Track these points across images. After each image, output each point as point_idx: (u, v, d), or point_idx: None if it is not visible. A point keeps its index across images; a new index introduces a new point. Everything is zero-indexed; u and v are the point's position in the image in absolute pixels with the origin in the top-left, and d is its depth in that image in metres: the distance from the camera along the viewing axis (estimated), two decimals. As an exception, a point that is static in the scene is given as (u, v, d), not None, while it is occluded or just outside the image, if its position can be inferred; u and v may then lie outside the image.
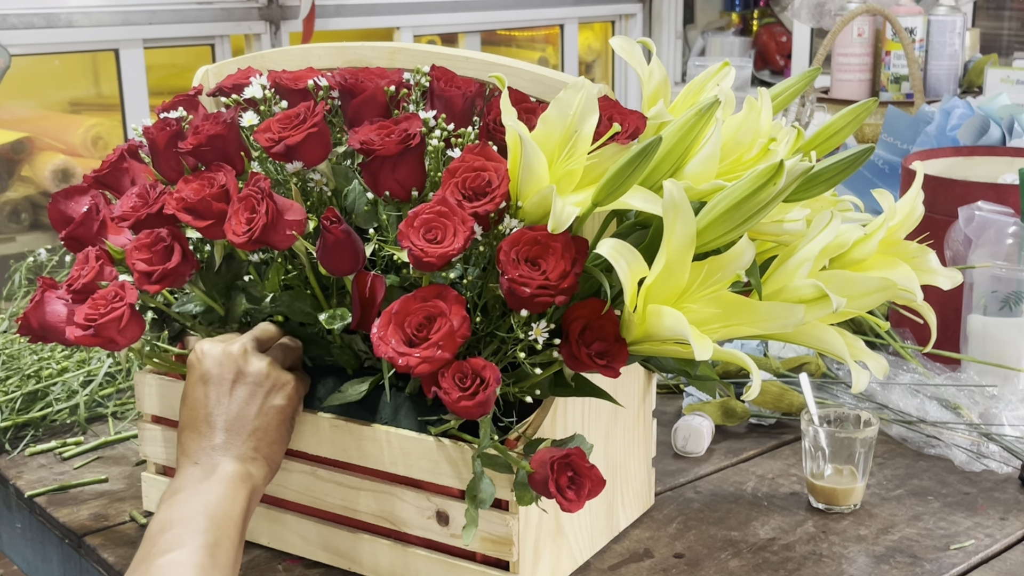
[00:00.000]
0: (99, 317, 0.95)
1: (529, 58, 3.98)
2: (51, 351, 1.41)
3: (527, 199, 0.89)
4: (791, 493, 1.17)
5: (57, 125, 3.08)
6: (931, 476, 1.20)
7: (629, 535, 1.08)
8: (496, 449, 0.90)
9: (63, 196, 1.07)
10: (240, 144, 1.01)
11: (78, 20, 2.87)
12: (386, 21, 3.51)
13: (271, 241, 0.93)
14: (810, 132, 1.22)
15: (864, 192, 1.30)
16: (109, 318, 0.95)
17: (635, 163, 0.85)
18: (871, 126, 2.31)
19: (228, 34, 3.16)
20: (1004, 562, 1.04)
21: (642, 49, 1.04)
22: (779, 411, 1.32)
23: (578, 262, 0.86)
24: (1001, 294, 1.32)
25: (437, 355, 0.86)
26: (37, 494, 1.19)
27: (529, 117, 0.92)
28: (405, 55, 1.07)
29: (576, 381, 0.93)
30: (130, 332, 0.96)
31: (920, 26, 2.62)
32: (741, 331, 0.88)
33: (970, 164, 1.60)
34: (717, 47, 4.26)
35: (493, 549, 0.95)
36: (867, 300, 0.94)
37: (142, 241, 0.97)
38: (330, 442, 1.00)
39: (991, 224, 1.34)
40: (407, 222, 0.88)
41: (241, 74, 1.10)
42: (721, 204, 0.86)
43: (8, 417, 1.31)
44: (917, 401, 1.30)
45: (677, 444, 1.25)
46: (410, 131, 0.93)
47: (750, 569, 1.02)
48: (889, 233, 0.99)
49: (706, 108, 0.88)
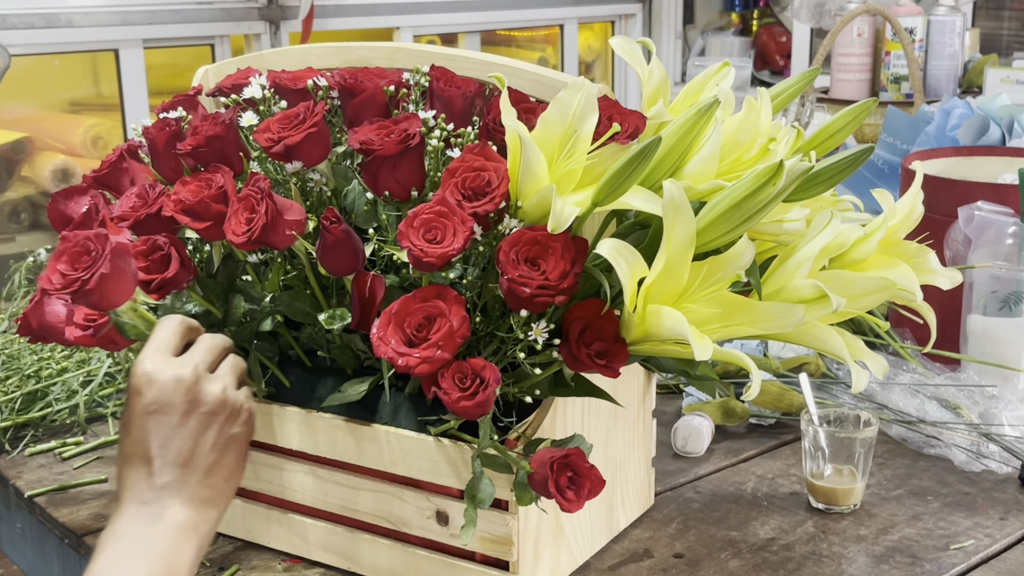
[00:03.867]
0: (99, 317, 0.95)
1: (529, 58, 3.98)
2: (51, 351, 1.41)
3: (527, 199, 0.89)
4: (791, 493, 1.16)
5: (57, 125, 3.08)
6: (931, 476, 1.20)
7: (629, 535, 1.08)
8: (496, 449, 0.90)
9: (63, 196, 1.07)
10: (239, 145, 1.01)
11: (78, 20, 2.87)
12: (386, 21, 3.51)
13: (271, 241, 0.93)
14: (810, 132, 1.22)
15: (864, 192, 1.30)
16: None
17: (635, 163, 0.85)
18: (871, 126, 2.31)
19: (228, 34, 3.16)
20: (1004, 562, 1.04)
21: (642, 49, 1.04)
22: (779, 411, 1.32)
23: (578, 262, 0.86)
24: (1001, 294, 1.32)
25: (437, 355, 0.86)
26: (37, 494, 1.19)
27: (529, 117, 0.92)
28: (405, 55, 1.07)
29: (576, 381, 0.93)
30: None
31: (920, 26, 2.62)
32: (741, 331, 0.88)
33: (970, 164, 1.60)
34: (717, 47, 4.26)
35: (493, 549, 0.95)
36: (867, 300, 0.94)
37: (139, 248, 0.96)
38: (330, 442, 1.00)
39: (991, 224, 1.34)
40: (407, 222, 0.88)
41: (241, 74, 1.10)
42: (721, 204, 0.86)
43: (8, 417, 1.31)
44: (917, 401, 1.30)
45: (677, 444, 1.25)
46: (410, 131, 0.93)
47: (750, 569, 1.02)
48: (889, 233, 0.99)
49: (706, 108, 0.88)
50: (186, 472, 0.86)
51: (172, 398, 0.87)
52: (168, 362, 0.88)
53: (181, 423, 0.87)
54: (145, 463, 0.86)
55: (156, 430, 0.86)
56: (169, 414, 0.87)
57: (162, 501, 0.85)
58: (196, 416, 0.87)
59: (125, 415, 0.88)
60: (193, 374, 0.88)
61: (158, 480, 0.85)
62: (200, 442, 0.87)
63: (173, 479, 0.86)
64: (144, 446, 0.86)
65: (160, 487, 0.85)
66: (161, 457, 0.86)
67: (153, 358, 0.88)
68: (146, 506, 0.85)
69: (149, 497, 0.85)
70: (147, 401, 0.87)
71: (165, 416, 0.86)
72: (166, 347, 0.90)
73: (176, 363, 0.88)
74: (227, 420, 0.89)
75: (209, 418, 0.88)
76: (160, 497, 0.85)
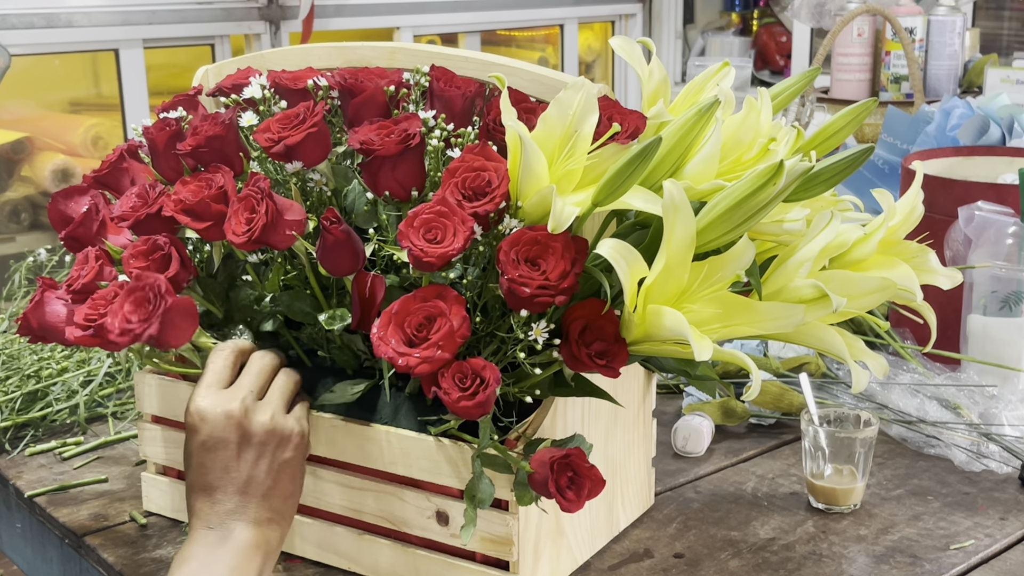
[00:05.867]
0: (99, 317, 0.95)
1: (529, 58, 3.98)
2: (51, 351, 1.41)
3: (527, 199, 0.89)
4: (791, 493, 1.17)
5: (57, 125, 3.08)
6: (931, 476, 1.20)
7: (629, 535, 1.08)
8: (496, 449, 0.90)
9: (63, 196, 1.07)
10: (239, 145, 1.01)
11: (78, 20, 2.87)
12: (386, 21, 3.51)
13: (271, 241, 0.93)
14: (810, 132, 1.22)
15: (864, 192, 1.30)
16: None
17: (635, 163, 0.85)
18: (871, 126, 2.31)
19: (228, 34, 3.16)
20: (1004, 562, 1.04)
21: (642, 49, 1.04)
22: (779, 411, 1.32)
23: (578, 262, 0.86)
24: (1001, 294, 1.32)
25: (437, 355, 0.86)
26: (37, 494, 1.19)
27: (529, 117, 0.92)
28: (405, 55, 1.07)
29: (576, 381, 0.93)
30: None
31: (920, 26, 2.62)
32: (741, 331, 0.88)
33: (970, 164, 1.60)
34: (717, 47, 4.26)
35: (493, 549, 0.95)
36: (867, 300, 0.94)
37: (139, 248, 0.96)
38: (330, 442, 1.00)
39: (991, 224, 1.34)
40: (407, 222, 0.88)
41: (241, 74, 1.10)
42: (721, 204, 0.86)
43: (8, 417, 1.31)
44: (917, 401, 1.30)
45: (677, 444, 1.25)
46: (410, 131, 0.93)
47: (750, 569, 1.02)
48: (889, 233, 0.99)
49: (706, 108, 0.88)
50: (246, 498, 0.92)
51: (224, 433, 0.92)
52: (218, 397, 0.93)
53: (236, 455, 0.92)
54: (208, 493, 0.92)
55: (213, 464, 0.92)
56: (223, 448, 0.92)
57: (227, 525, 0.91)
58: (248, 447, 0.93)
59: (186, 448, 0.94)
60: (241, 407, 0.93)
61: (221, 507, 0.91)
62: (255, 470, 0.93)
63: (235, 505, 0.92)
64: (205, 478, 0.92)
65: (224, 513, 0.91)
66: (222, 487, 0.92)
67: (205, 395, 0.93)
68: (212, 530, 0.91)
69: (215, 522, 0.91)
70: (202, 438, 0.92)
71: (220, 451, 0.92)
72: (217, 381, 0.95)
73: (225, 398, 0.93)
74: (278, 447, 0.94)
75: (261, 448, 0.93)
76: (224, 522, 0.91)
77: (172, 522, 1.13)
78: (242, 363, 0.98)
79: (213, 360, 0.96)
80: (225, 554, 0.89)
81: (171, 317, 0.91)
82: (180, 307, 0.92)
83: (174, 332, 0.92)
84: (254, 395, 0.95)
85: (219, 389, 0.94)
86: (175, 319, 0.91)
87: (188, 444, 0.93)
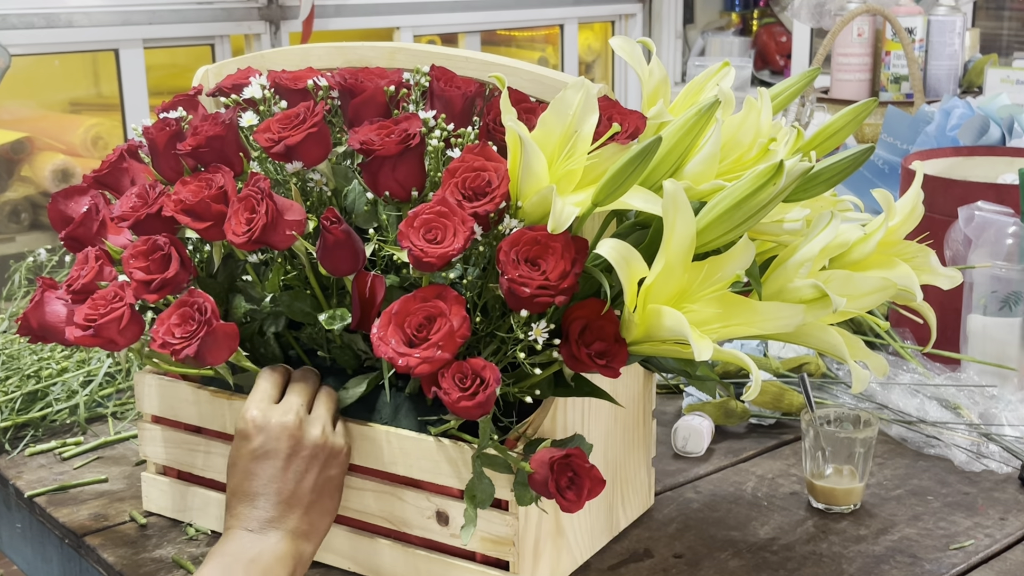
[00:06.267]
0: (99, 317, 0.95)
1: (529, 58, 3.98)
2: (51, 351, 1.41)
3: (527, 199, 0.89)
4: (791, 493, 1.16)
5: (57, 125, 3.08)
6: (931, 476, 1.20)
7: (629, 535, 1.08)
8: (496, 449, 0.90)
9: (63, 196, 1.07)
10: (239, 145, 1.01)
11: (78, 20, 2.87)
12: (386, 21, 3.51)
13: (271, 241, 0.93)
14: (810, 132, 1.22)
15: (864, 192, 1.30)
16: (109, 318, 0.95)
17: (635, 163, 0.85)
18: (871, 126, 2.31)
19: (228, 34, 3.16)
20: (1004, 562, 1.04)
21: (642, 49, 1.04)
22: (779, 411, 1.32)
23: (578, 262, 0.86)
24: (1001, 294, 1.32)
25: (437, 355, 0.86)
26: (37, 494, 1.19)
27: (529, 117, 0.92)
28: (405, 55, 1.06)
29: (576, 381, 0.93)
30: (130, 332, 0.96)
31: (920, 26, 2.62)
32: (741, 331, 0.88)
33: (970, 164, 1.60)
34: (717, 47, 4.26)
35: (493, 549, 0.95)
36: (867, 300, 0.94)
37: (139, 248, 0.96)
38: (330, 442, 1.00)
39: (991, 224, 1.34)
40: (407, 222, 0.88)
41: (241, 74, 1.10)
42: (721, 204, 0.86)
43: (8, 417, 1.31)
44: (917, 401, 1.30)
45: (677, 444, 1.25)
46: (410, 131, 0.93)
47: (750, 569, 1.02)
48: (889, 233, 0.99)
49: (706, 108, 0.88)
50: (288, 509, 0.94)
51: (277, 444, 0.95)
52: (273, 409, 0.96)
53: (285, 466, 0.95)
54: (251, 499, 0.94)
55: (262, 472, 0.94)
56: (274, 458, 0.94)
57: (266, 531, 0.93)
58: (298, 459, 0.95)
59: (232, 456, 0.96)
60: (296, 419, 0.96)
61: (263, 515, 0.94)
62: (301, 483, 0.95)
63: (277, 515, 0.94)
64: (252, 485, 0.94)
65: (265, 520, 0.93)
66: (266, 496, 0.94)
67: (259, 406, 0.96)
68: (251, 533, 0.93)
69: (255, 527, 0.93)
70: (254, 446, 0.95)
71: (270, 460, 0.94)
72: (268, 397, 0.97)
73: (280, 410, 0.96)
74: (326, 462, 0.96)
75: (310, 461, 0.95)
76: (264, 528, 0.93)
77: (172, 522, 1.13)
78: (285, 382, 1.00)
79: (262, 379, 0.99)
80: (260, 555, 0.91)
81: (211, 340, 0.93)
82: (222, 332, 0.94)
83: (211, 354, 0.94)
84: (306, 410, 0.97)
85: (271, 403, 0.97)
86: (215, 343, 0.94)
87: (236, 451, 0.96)
